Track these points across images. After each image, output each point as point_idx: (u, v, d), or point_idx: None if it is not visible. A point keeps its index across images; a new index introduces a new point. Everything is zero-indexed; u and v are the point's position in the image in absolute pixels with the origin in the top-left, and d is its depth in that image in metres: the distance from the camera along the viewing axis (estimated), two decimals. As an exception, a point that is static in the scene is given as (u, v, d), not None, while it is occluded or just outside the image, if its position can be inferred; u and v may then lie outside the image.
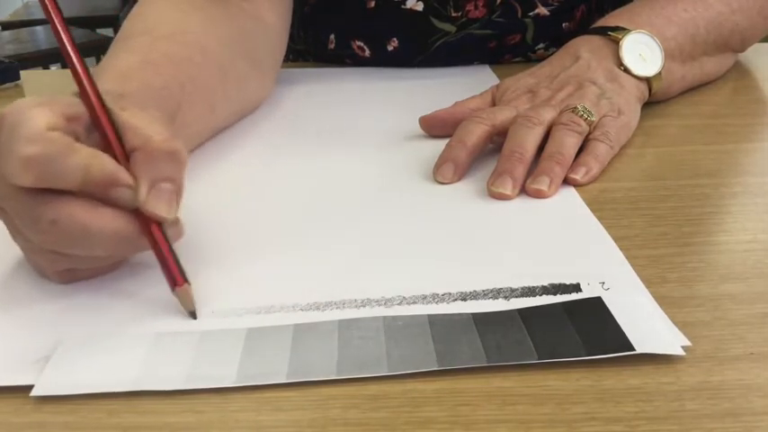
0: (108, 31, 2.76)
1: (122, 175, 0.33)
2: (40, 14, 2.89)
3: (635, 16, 0.57)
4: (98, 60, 2.56)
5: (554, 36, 0.71)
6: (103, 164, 0.32)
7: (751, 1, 0.61)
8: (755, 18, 0.63)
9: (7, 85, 0.68)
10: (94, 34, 2.59)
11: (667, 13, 0.57)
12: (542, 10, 0.68)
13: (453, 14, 0.67)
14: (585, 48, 0.55)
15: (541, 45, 0.72)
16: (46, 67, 2.32)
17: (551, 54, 0.56)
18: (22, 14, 2.95)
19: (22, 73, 0.70)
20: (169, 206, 0.33)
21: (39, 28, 2.64)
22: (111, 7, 3.00)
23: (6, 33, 2.59)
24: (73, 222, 0.32)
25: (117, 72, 0.45)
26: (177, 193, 0.34)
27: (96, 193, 0.32)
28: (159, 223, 0.33)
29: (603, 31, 0.56)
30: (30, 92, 0.68)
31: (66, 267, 0.35)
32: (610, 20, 0.58)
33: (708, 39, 0.59)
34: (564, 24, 0.71)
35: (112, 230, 0.33)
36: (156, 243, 0.33)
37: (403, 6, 0.67)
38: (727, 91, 0.62)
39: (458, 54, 0.71)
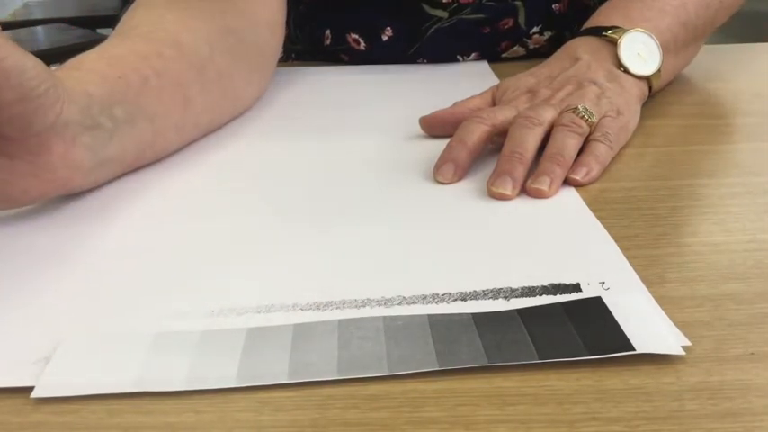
0: (108, 31, 2.74)
1: None
2: (39, 14, 2.89)
3: (628, 11, 0.57)
4: (98, 60, 2.56)
5: (546, 19, 0.71)
6: None
7: None
8: None
9: (7, 85, 0.68)
10: (94, 34, 2.59)
11: (659, 4, 0.57)
12: None
13: (444, 0, 0.68)
14: (584, 49, 0.55)
15: (536, 29, 0.72)
16: (46, 67, 2.31)
17: (547, 38, 0.56)
18: (22, 14, 2.95)
19: (22, 73, 0.70)
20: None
21: (39, 28, 2.63)
22: (111, 7, 3.00)
23: (6, 33, 2.59)
24: None
25: (72, 63, 0.46)
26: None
27: None
28: None
29: (599, 32, 0.56)
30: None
31: None
32: (603, 18, 0.57)
33: (698, 23, 0.59)
34: (554, 6, 0.71)
35: None
36: None
37: None
38: (727, 91, 0.62)
39: (453, 42, 0.71)
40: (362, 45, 0.72)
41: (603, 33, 0.55)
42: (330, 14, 0.72)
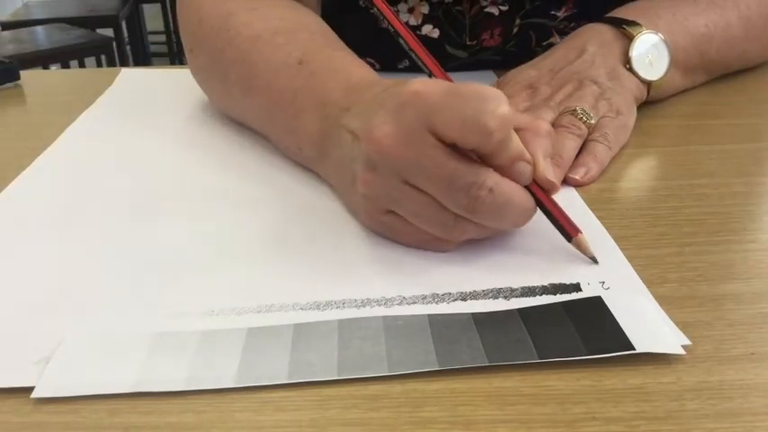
0: (108, 31, 2.76)
1: (526, 152, 0.35)
2: (39, 14, 2.89)
3: (655, 18, 0.56)
4: (98, 61, 2.56)
5: None
6: (517, 139, 0.35)
7: (766, 32, 0.61)
8: (763, 49, 0.63)
9: (7, 85, 0.68)
10: (95, 34, 2.59)
11: (688, 24, 0.57)
12: (557, 39, 0.66)
13: (468, 42, 0.66)
14: (594, 41, 0.55)
15: None
16: (46, 67, 2.32)
17: None
18: (22, 14, 2.95)
19: (22, 73, 0.70)
20: (556, 176, 0.38)
21: (39, 28, 2.64)
22: (111, 7, 3.00)
23: (6, 33, 2.60)
24: (503, 193, 0.34)
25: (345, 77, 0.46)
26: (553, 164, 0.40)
27: (501, 166, 0.35)
28: (543, 189, 0.37)
29: (619, 23, 0.55)
30: (30, 92, 0.68)
31: (468, 237, 0.37)
32: (629, 12, 0.57)
33: (714, 58, 0.59)
34: None
35: (524, 203, 0.35)
36: (546, 206, 0.37)
37: (418, 32, 0.66)
38: (727, 91, 0.62)
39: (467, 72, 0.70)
40: (378, 68, 0.71)
41: (623, 26, 0.55)
42: (349, 35, 0.71)
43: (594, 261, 0.37)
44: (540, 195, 0.37)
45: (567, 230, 0.37)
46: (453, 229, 0.36)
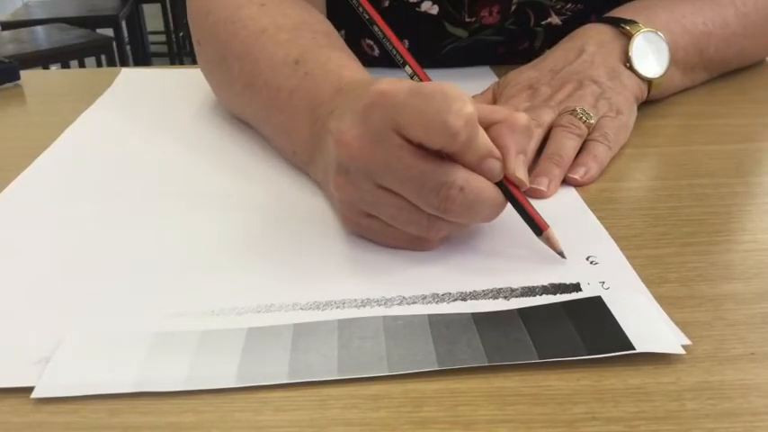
0: (108, 31, 2.75)
1: (495, 148, 0.35)
2: (39, 14, 2.89)
3: (654, 17, 0.56)
4: (98, 60, 2.56)
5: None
6: (485, 136, 0.35)
7: (763, 29, 0.61)
8: (760, 46, 0.63)
9: (7, 85, 0.68)
10: (95, 34, 2.59)
11: (686, 22, 0.57)
12: (555, 19, 0.67)
13: (467, 20, 0.66)
14: (593, 41, 0.55)
15: (548, 51, 0.71)
16: (46, 67, 2.32)
17: None
18: (22, 14, 2.95)
19: (22, 73, 0.70)
20: (526, 174, 0.37)
21: (39, 28, 2.64)
22: (111, 7, 3.00)
23: (6, 33, 2.59)
24: (473, 190, 0.34)
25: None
26: (528, 161, 0.39)
27: (470, 163, 0.34)
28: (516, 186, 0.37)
29: (617, 22, 0.55)
30: (30, 92, 0.68)
31: (444, 235, 0.37)
32: (627, 12, 0.57)
33: (713, 57, 0.59)
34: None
35: (494, 199, 0.35)
36: (517, 202, 0.37)
37: (417, 9, 0.66)
38: (727, 91, 0.62)
39: (467, 59, 0.70)
40: (376, 52, 0.71)
41: (621, 25, 0.55)
42: (347, 16, 0.71)
43: (562, 256, 0.37)
44: (512, 190, 0.36)
45: (539, 225, 0.37)
46: (428, 229, 0.36)
